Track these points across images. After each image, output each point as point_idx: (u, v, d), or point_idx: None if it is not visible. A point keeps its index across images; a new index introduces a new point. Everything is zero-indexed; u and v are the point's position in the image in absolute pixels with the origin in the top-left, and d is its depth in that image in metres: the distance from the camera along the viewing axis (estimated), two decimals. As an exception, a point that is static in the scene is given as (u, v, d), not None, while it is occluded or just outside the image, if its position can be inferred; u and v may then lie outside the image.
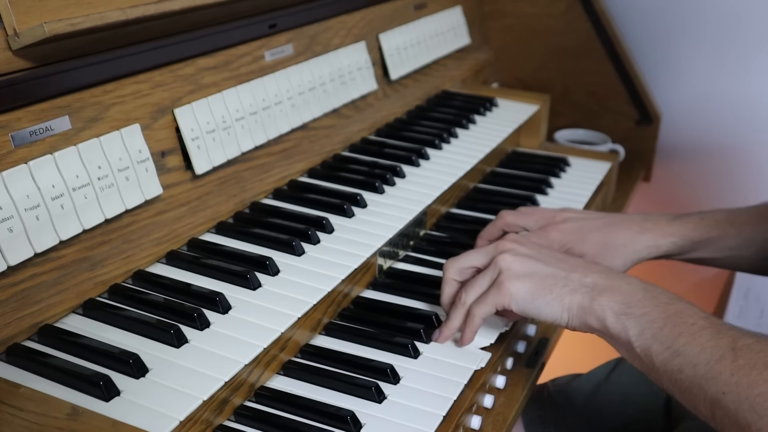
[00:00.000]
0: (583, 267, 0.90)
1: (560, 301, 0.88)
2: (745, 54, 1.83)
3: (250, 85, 1.17)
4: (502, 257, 0.92)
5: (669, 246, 1.08)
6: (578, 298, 0.87)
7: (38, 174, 0.85)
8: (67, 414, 0.72)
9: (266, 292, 0.95)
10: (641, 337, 0.82)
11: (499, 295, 0.90)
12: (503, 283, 0.90)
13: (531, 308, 0.90)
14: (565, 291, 0.88)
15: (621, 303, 0.85)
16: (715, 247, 1.09)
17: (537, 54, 1.89)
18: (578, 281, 0.88)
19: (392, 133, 1.45)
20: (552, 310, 0.88)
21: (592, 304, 0.86)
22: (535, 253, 0.93)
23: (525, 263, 0.91)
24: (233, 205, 1.12)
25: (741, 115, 1.87)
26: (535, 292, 0.89)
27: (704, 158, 1.93)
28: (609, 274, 0.89)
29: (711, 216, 1.10)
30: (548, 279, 0.89)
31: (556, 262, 0.91)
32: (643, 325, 0.82)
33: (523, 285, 0.89)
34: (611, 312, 0.85)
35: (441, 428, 0.84)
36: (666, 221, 1.10)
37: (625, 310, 0.84)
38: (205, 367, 0.81)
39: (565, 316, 0.88)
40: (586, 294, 0.87)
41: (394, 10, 1.55)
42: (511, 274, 0.90)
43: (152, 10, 0.93)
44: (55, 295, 0.86)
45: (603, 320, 0.85)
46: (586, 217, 1.11)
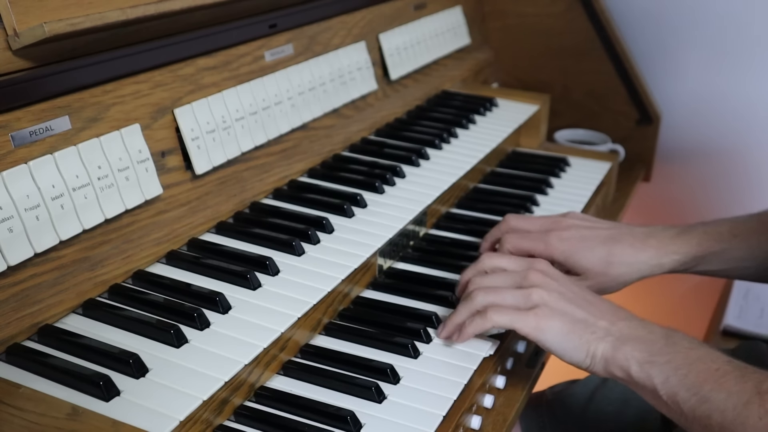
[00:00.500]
0: (610, 314, 0.91)
1: (586, 348, 0.88)
2: (745, 54, 1.83)
3: (250, 85, 1.17)
4: (537, 291, 0.91)
5: (672, 264, 1.08)
6: (603, 347, 0.87)
7: (38, 174, 0.85)
8: (67, 414, 0.72)
9: (266, 292, 0.95)
10: (666, 385, 0.83)
11: (529, 324, 0.90)
12: (539, 316, 0.90)
13: (557, 347, 0.90)
14: (592, 338, 0.88)
15: (644, 352, 0.85)
16: (719, 260, 1.09)
17: (537, 54, 1.89)
18: (605, 330, 0.88)
19: (392, 133, 1.45)
20: (577, 355, 0.89)
21: (615, 354, 0.86)
22: (567, 291, 0.93)
23: (559, 302, 0.91)
24: (233, 205, 1.12)
25: (741, 116, 1.87)
26: (565, 334, 0.89)
27: (704, 158, 1.93)
28: (633, 322, 0.89)
29: (714, 228, 1.09)
30: (579, 323, 0.89)
31: (587, 305, 0.91)
32: (667, 372, 0.83)
33: (556, 324, 0.89)
34: (635, 361, 0.85)
35: (441, 428, 0.84)
36: (670, 238, 1.08)
37: (649, 358, 0.85)
38: (205, 367, 0.81)
39: (587, 362, 0.89)
40: (611, 343, 0.87)
41: (394, 10, 1.55)
42: (548, 311, 0.90)
43: (152, 10, 0.93)
44: (55, 295, 0.86)
45: (627, 370, 0.86)
46: (590, 227, 1.10)
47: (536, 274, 0.94)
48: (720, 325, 1.70)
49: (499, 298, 0.93)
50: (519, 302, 0.92)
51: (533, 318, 0.90)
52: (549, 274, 0.95)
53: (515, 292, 0.93)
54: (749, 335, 1.63)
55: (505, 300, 0.93)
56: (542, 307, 0.90)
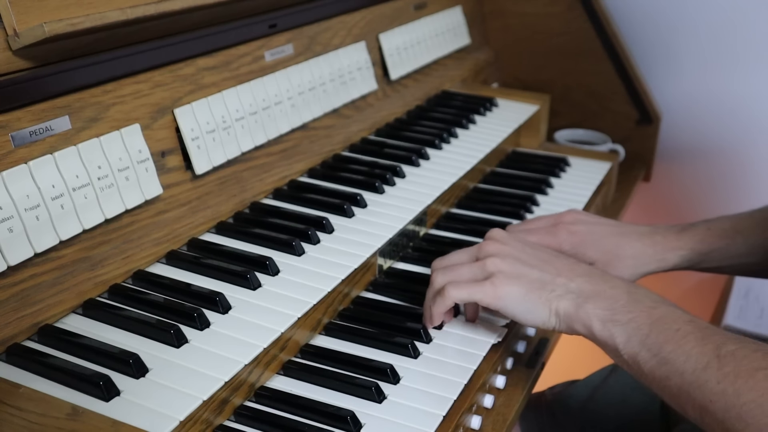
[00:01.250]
0: (567, 269, 0.91)
1: (548, 306, 0.88)
2: (745, 54, 1.83)
3: (250, 85, 1.17)
4: (491, 260, 0.92)
5: (677, 260, 1.09)
6: (564, 304, 0.88)
7: (38, 174, 0.85)
8: (67, 414, 0.72)
9: (266, 292, 0.95)
10: (628, 345, 0.83)
11: (487, 294, 0.91)
12: (495, 284, 0.90)
13: (519, 311, 0.90)
14: (552, 296, 0.88)
15: (606, 309, 0.85)
16: (723, 256, 1.09)
17: (537, 54, 1.89)
18: (564, 286, 0.88)
19: (392, 133, 1.45)
20: (540, 315, 0.89)
21: (578, 312, 0.86)
22: (521, 254, 0.93)
23: (513, 266, 0.91)
24: (233, 205, 1.12)
25: (741, 115, 1.87)
26: (524, 296, 0.89)
27: (704, 158, 1.93)
28: (593, 277, 0.89)
29: (717, 225, 1.10)
30: (536, 283, 0.89)
31: (543, 265, 0.91)
32: (629, 332, 0.83)
33: (513, 288, 0.90)
34: (597, 319, 0.85)
35: (441, 428, 0.84)
36: (674, 234, 1.09)
37: (611, 316, 0.84)
38: (205, 367, 0.81)
39: (552, 321, 0.89)
40: (572, 300, 0.87)
41: (394, 10, 1.55)
42: (503, 277, 0.90)
43: (152, 10, 0.94)
44: (55, 295, 0.86)
45: (590, 327, 0.86)
46: (596, 222, 1.11)
47: (490, 243, 0.95)
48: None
49: (455, 274, 0.94)
50: (476, 274, 0.92)
51: (490, 287, 0.90)
52: (502, 240, 0.95)
53: (472, 266, 0.93)
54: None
55: (462, 275, 0.93)
56: (497, 274, 0.90)
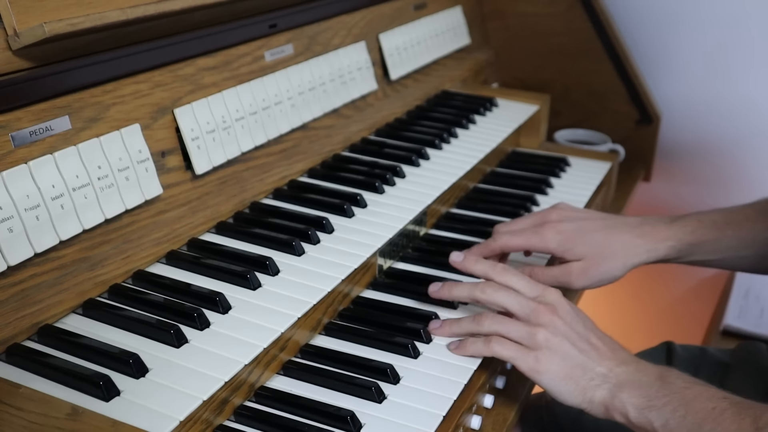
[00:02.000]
0: (609, 359, 0.90)
1: (583, 393, 0.89)
2: (744, 54, 1.83)
3: (250, 85, 1.17)
4: (543, 333, 0.90)
5: (667, 250, 1.08)
6: (600, 394, 0.88)
7: (38, 174, 0.85)
8: (67, 414, 0.72)
9: (266, 292, 0.95)
10: (666, 428, 0.83)
11: (528, 365, 0.90)
12: (539, 359, 0.90)
13: (554, 390, 0.90)
14: (590, 384, 0.89)
15: (641, 397, 0.86)
16: (713, 249, 1.09)
17: (537, 54, 1.89)
18: (602, 377, 0.89)
19: (392, 133, 1.45)
20: (573, 399, 0.89)
21: (613, 401, 0.87)
22: (572, 332, 0.92)
23: (562, 345, 0.90)
24: (233, 205, 1.12)
25: (740, 115, 1.87)
26: (562, 378, 0.89)
27: (704, 158, 1.93)
28: (629, 366, 0.89)
29: (708, 217, 1.10)
30: (577, 369, 0.89)
31: (588, 349, 0.91)
32: (666, 415, 0.83)
33: (554, 368, 0.90)
34: (633, 407, 0.86)
35: (441, 428, 0.84)
36: (664, 225, 1.09)
37: (646, 403, 0.85)
38: (205, 367, 0.81)
39: (584, 406, 0.89)
40: (608, 390, 0.88)
41: (394, 10, 1.55)
42: (549, 354, 0.90)
43: (152, 10, 0.94)
44: (55, 295, 0.86)
45: (626, 415, 0.86)
46: (584, 218, 1.10)
47: (546, 311, 0.92)
48: (720, 325, 1.70)
49: (504, 328, 0.93)
50: (523, 338, 0.91)
51: (533, 360, 0.90)
52: (558, 312, 0.93)
53: (521, 327, 0.92)
54: (749, 335, 1.63)
55: (510, 332, 0.93)
56: (544, 350, 0.90)
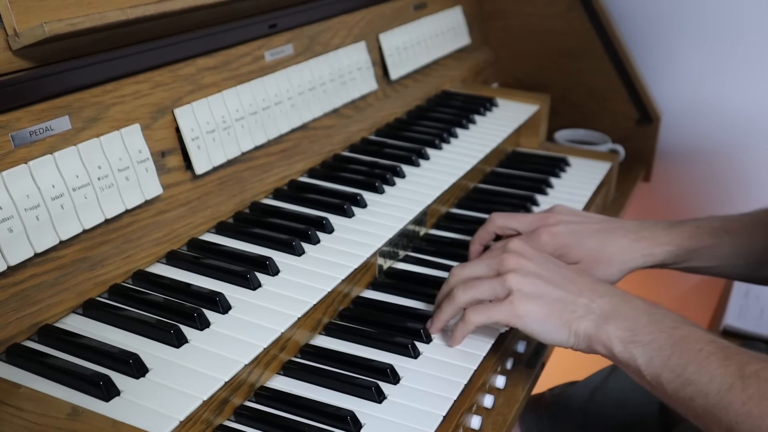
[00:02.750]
0: (589, 290, 0.90)
1: (568, 327, 0.88)
2: (744, 54, 1.83)
3: (250, 85, 1.17)
4: (511, 276, 0.90)
5: (664, 255, 1.08)
6: (584, 325, 0.87)
7: (38, 174, 0.85)
8: (67, 414, 0.72)
9: (266, 292, 0.95)
10: (650, 366, 0.82)
11: (506, 313, 0.90)
12: (514, 303, 0.89)
13: (538, 330, 0.89)
14: (573, 317, 0.88)
15: (627, 330, 0.85)
16: (710, 256, 1.09)
17: (537, 54, 1.89)
18: (585, 307, 0.88)
19: (392, 133, 1.45)
20: (559, 335, 0.88)
21: (598, 332, 0.86)
22: (543, 271, 0.92)
23: (535, 285, 0.90)
24: (233, 205, 1.12)
25: (741, 116, 1.87)
26: (544, 316, 0.88)
27: (704, 158, 1.93)
28: (614, 298, 0.88)
29: (707, 223, 1.10)
30: (557, 303, 0.89)
31: (565, 284, 0.90)
32: (650, 353, 0.82)
33: (533, 308, 0.89)
34: (618, 340, 0.85)
35: (441, 428, 0.84)
36: (662, 229, 1.09)
37: (632, 337, 0.84)
38: (205, 367, 0.81)
39: (571, 341, 0.88)
40: (593, 321, 0.87)
41: (394, 10, 1.55)
42: (522, 296, 0.89)
43: (152, 10, 0.93)
44: (55, 295, 0.86)
45: (610, 348, 0.85)
46: (579, 221, 1.10)
47: (510, 256, 0.93)
48: (720, 325, 1.70)
49: (476, 292, 0.93)
50: (496, 291, 0.91)
51: (509, 306, 0.89)
52: (523, 254, 0.93)
53: (492, 282, 0.92)
54: (749, 335, 1.63)
55: (483, 293, 0.92)
56: (517, 293, 0.89)
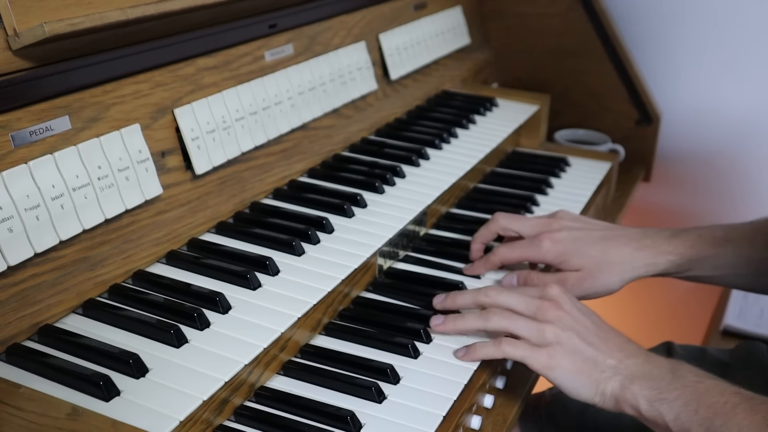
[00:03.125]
0: (618, 350, 0.90)
1: (595, 386, 0.89)
2: (745, 54, 1.83)
3: (250, 85, 1.17)
4: (551, 329, 0.91)
5: (667, 264, 1.08)
6: (612, 386, 0.88)
7: (38, 174, 0.85)
8: (67, 414, 0.72)
9: (266, 292, 0.95)
10: (678, 422, 0.83)
11: (540, 362, 0.90)
12: (552, 355, 0.90)
13: (566, 385, 0.90)
14: (602, 377, 0.89)
15: (653, 389, 0.86)
16: (712, 265, 1.09)
17: (537, 54, 1.89)
18: (613, 368, 0.89)
19: (392, 133, 1.45)
20: (586, 393, 0.89)
21: (624, 393, 0.87)
22: (581, 327, 0.92)
23: (571, 340, 0.90)
24: (233, 205, 1.12)
25: (741, 116, 1.87)
26: (574, 373, 0.89)
27: (704, 158, 1.93)
28: (640, 358, 0.89)
29: (709, 232, 1.09)
30: (588, 362, 0.89)
31: (598, 343, 0.91)
32: (677, 409, 0.84)
33: (566, 364, 0.90)
34: (644, 400, 0.86)
35: (441, 428, 0.84)
36: (664, 239, 1.09)
37: (658, 395, 0.85)
38: (205, 367, 0.81)
39: (597, 399, 0.89)
40: (619, 382, 0.88)
41: (394, 10, 1.55)
42: (559, 350, 0.90)
43: (152, 10, 0.93)
44: (55, 295, 0.86)
45: (637, 408, 0.86)
46: (582, 227, 1.10)
47: (552, 308, 0.93)
48: (720, 325, 1.70)
49: (513, 326, 0.93)
50: (532, 336, 0.91)
51: (545, 357, 0.90)
52: (563, 306, 0.93)
53: (530, 324, 0.92)
54: (749, 335, 1.63)
55: (519, 329, 0.92)
56: (555, 345, 0.90)
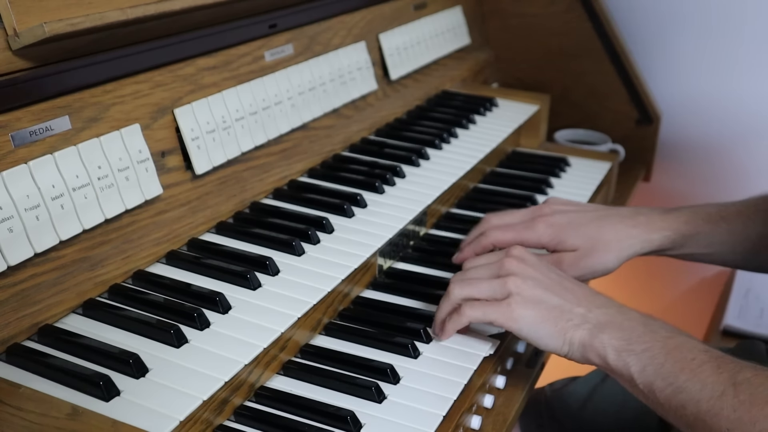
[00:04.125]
0: (587, 300, 0.90)
1: (563, 335, 0.88)
2: (744, 54, 1.83)
3: (250, 85, 1.17)
4: (512, 279, 0.91)
5: (662, 240, 1.08)
6: (580, 334, 0.87)
7: (38, 174, 0.85)
8: (67, 414, 0.72)
9: (266, 292, 0.95)
10: (643, 374, 0.83)
11: (503, 315, 0.90)
12: (511, 305, 0.89)
13: (533, 335, 0.89)
14: (569, 325, 0.88)
15: (622, 339, 0.85)
16: (706, 242, 1.09)
17: (537, 54, 1.89)
18: (581, 316, 0.88)
19: (392, 133, 1.45)
20: (553, 342, 0.88)
21: (593, 341, 0.86)
22: (544, 278, 0.92)
23: (534, 290, 0.90)
24: (233, 205, 1.12)
25: (741, 116, 1.87)
26: (540, 322, 0.89)
27: (704, 158, 1.93)
28: (611, 309, 0.89)
29: (703, 209, 1.10)
30: (554, 310, 0.89)
31: (563, 292, 0.91)
32: (644, 361, 0.83)
33: (530, 312, 0.89)
34: (612, 349, 0.85)
35: (441, 428, 0.84)
36: (658, 215, 1.09)
37: (626, 346, 0.84)
38: (205, 367, 0.81)
39: (566, 348, 0.88)
40: (588, 330, 0.87)
41: (394, 10, 1.55)
42: (521, 299, 0.90)
43: (152, 10, 0.93)
44: (55, 295, 0.86)
45: (604, 357, 0.85)
46: (576, 210, 1.10)
47: (512, 260, 0.93)
48: (720, 325, 1.70)
49: (474, 290, 0.93)
50: (495, 292, 0.91)
51: (506, 308, 0.89)
52: (525, 260, 0.94)
53: (491, 282, 0.92)
54: (749, 335, 1.63)
55: (481, 292, 0.92)
56: (515, 295, 0.90)
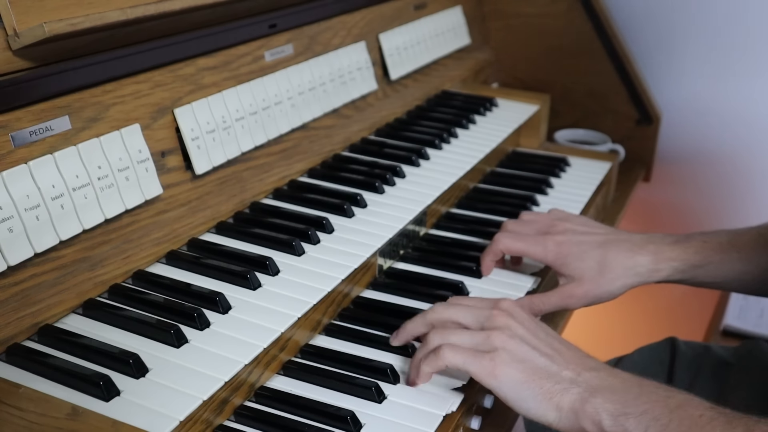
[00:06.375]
0: (576, 363, 0.83)
1: (549, 399, 0.81)
2: (745, 54, 1.83)
3: (250, 85, 1.17)
4: (497, 334, 0.84)
5: (670, 270, 1.06)
6: (569, 399, 0.80)
7: (38, 174, 0.85)
8: (67, 414, 0.72)
9: (266, 292, 0.95)
10: None
11: (484, 369, 0.83)
12: (495, 361, 0.82)
13: (513, 396, 0.82)
14: (556, 389, 0.81)
15: (617, 403, 0.78)
16: (716, 271, 1.07)
17: (537, 54, 1.89)
18: (570, 380, 0.81)
19: (392, 133, 1.45)
20: (538, 406, 0.81)
21: (585, 407, 0.79)
22: (532, 337, 0.85)
23: (521, 347, 0.84)
24: (233, 205, 1.12)
25: (741, 116, 1.87)
26: (523, 382, 0.81)
27: (704, 158, 1.93)
28: (601, 372, 0.82)
29: (713, 238, 1.08)
30: (540, 372, 0.82)
31: (552, 353, 0.84)
32: (645, 423, 0.76)
33: (512, 371, 0.82)
34: (607, 414, 0.78)
35: (441, 428, 0.84)
36: (668, 245, 1.07)
37: (623, 410, 0.78)
38: (205, 367, 0.81)
39: (551, 416, 0.81)
40: (578, 395, 0.80)
41: (394, 10, 1.55)
42: (507, 356, 0.83)
43: (152, 10, 0.93)
44: (55, 295, 0.86)
45: (599, 423, 0.78)
46: (585, 232, 1.08)
47: (501, 315, 0.87)
48: (720, 325, 1.70)
49: (456, 338, 0.86)
50: (478, 344, 0.85)
51: (489, 362, 0.82)
52: (514, 316, 0.87)
53: (475, 334, 0.86)
54: (749, 335, 1.63)
55: (463, 341, 0.86)
56: (501, 351, 0.83)
